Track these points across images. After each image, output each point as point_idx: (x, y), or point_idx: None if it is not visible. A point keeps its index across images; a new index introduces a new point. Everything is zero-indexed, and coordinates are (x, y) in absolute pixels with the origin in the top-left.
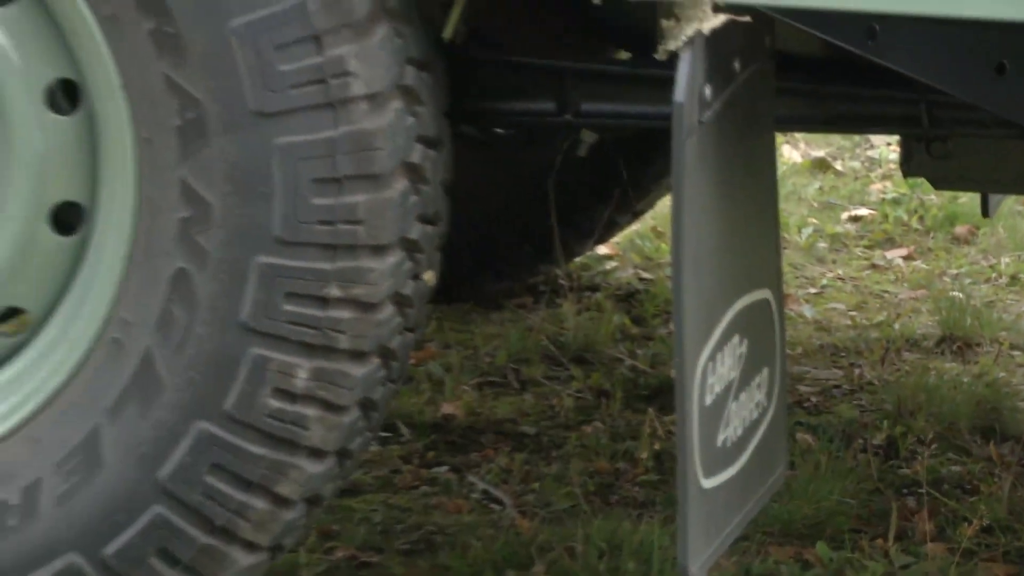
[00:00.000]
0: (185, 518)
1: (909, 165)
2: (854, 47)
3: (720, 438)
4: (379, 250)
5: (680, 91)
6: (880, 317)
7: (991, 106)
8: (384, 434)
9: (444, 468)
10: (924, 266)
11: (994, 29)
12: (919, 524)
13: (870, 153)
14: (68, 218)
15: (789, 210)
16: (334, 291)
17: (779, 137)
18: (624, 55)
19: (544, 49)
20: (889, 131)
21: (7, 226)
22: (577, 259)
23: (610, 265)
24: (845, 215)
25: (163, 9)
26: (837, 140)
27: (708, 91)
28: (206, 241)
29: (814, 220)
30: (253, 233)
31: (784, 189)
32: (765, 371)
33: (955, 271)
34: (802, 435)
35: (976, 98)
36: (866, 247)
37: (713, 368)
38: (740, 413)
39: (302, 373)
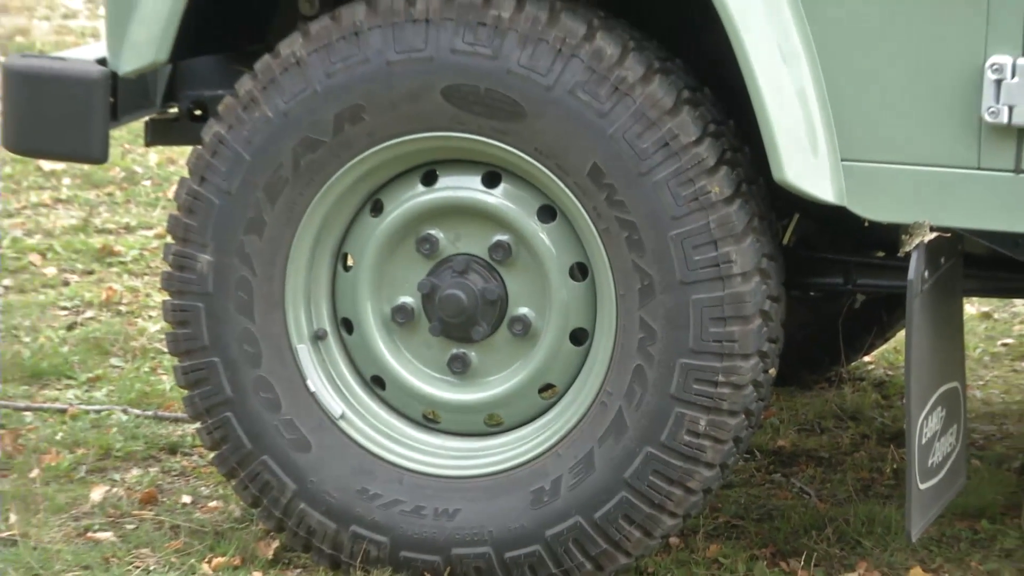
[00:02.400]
0: (638, 499)
1: None
2: (1008, 251)
3: (930, 462)
4: (746, 357)
5: (912, 274)
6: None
7: None
8: (746, 455)
9: (777, 475)
10: None
11: None
12: None
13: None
14: (579, 336)
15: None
16: (720, 377)
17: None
18: (880, 252)
19: (838, 247)
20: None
21: (547, 342)
22: (853, 363)
23: (871, 366)
24: (999, 342)
25: (633, 226)
26: (995, 302)
27: (926, 274)
28: (653, 350)
29: (981, 344)
30: (678, 347)
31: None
32: (954, 426)
33: None
34: (975, 461)
35: None
36: (1012, 359)
37: (927, 424)
38: (941, 449)
39: (703, 423)
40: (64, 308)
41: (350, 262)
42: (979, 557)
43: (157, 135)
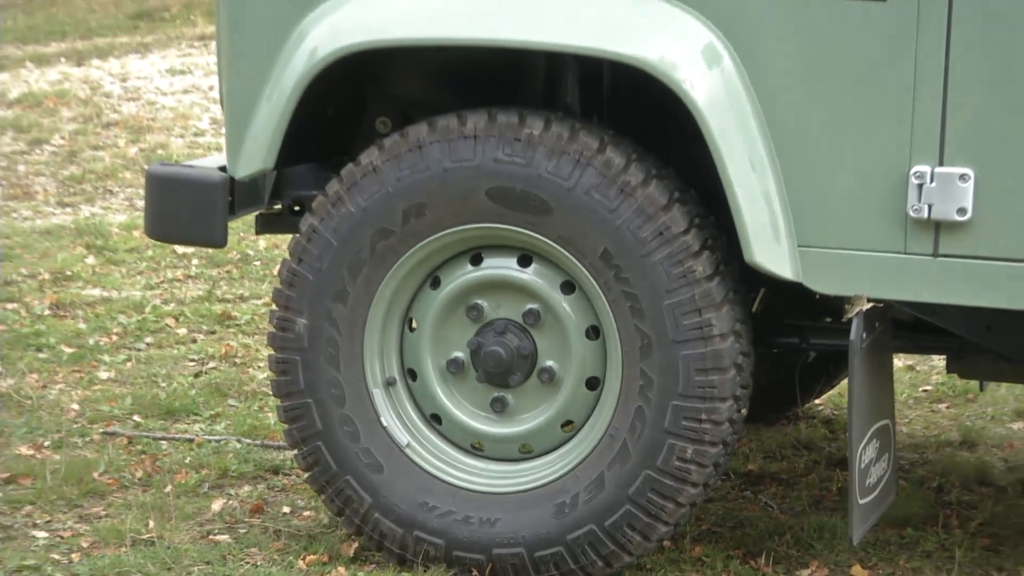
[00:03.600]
0: (639, 511)
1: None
2: (927, 317)
3: (867, 482)
4: (723, 400)
5: (853, 335)
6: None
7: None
8: (723, 477)
9: (748, 492)
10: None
11: None
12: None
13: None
14: (593, 383)
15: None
16: (703, 416)
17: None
18: (828, 318)
19: (795, 314)
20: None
21: (567, 388)
22: (806, 404)
23: (821, 407)
24: (921, 389)
25: (635, 298)
26: (917, 357)
27: (864, 335)
28: (651, 395)
29: (907, 390)
30: (670, 392)
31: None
32: (886, 454)
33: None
34: (902, 482)
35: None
36: (931, 402)
37: (865, 452)
38: (876, 472)
39: (690, 451)
40: (192, 360)
41: (414, 325)
42: (905, 557)
43: (265, 226)
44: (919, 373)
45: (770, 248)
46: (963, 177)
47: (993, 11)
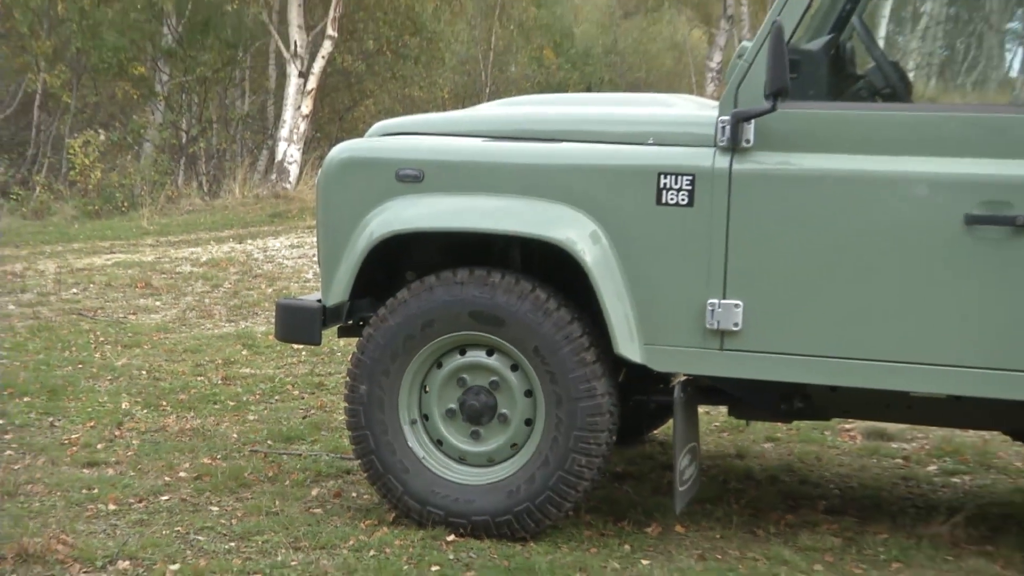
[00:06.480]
0: (555, 495)
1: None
2: (719, 384)
3: (684, 478)
4: (603, 431)
5: (675, 394)
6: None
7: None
8: (603, 475)
9: (616, 483)
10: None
11: None
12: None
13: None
14: (529, 422)
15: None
16: (592, 442)
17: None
18: (662, 384)
19: (644, 382)
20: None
21: (514, 425)
22: (649, 433)
23: (659, 435)
24: (712, 424)
25: (553, 374)
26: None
27: (681, 394)
28: (561, 428)
29: (706, 425)
30: (572, 427)
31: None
32: (695, 462)
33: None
34: (704, 477)
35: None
36: (719, 432)
37: (683, 462)
38: (689, 472)
39: (583, 461)
40: (301, 409)
41: (427, 389)
42: (706, 522)
43: (344, 332)
44: (713, 415)
45: (628, 345)
46: (736, 305)
47: (755, 215)
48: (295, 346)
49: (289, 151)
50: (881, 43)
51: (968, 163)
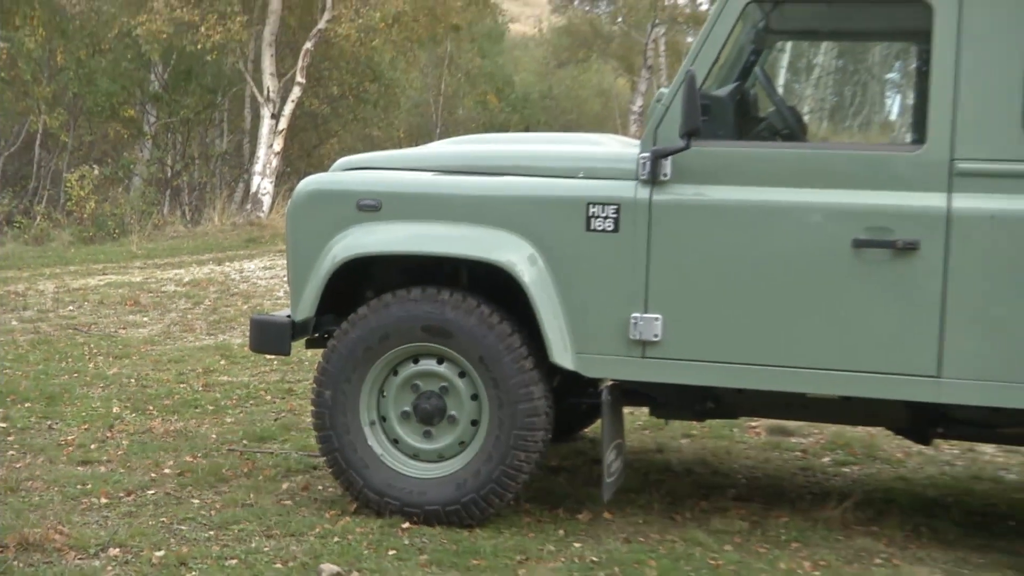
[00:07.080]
0: (498, 486)
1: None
2: (642, 390)
3: (611, 470)
4: (539, 430)
5: (604, 396)
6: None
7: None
8: (539, 469)
9: (552, 475)
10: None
11: None
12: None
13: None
14: (476, 422)
15: (628, 420)
16: (529, 440)
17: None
18: (592, 388)
19: (576, 386)
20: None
21: (462, 425)
22: (581, 431)
23: (588, 432)
24: (636, 423)
25: (495, 380)
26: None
27: (609, 397)
28: (503, 429)
29: (632, 423)
30: (513, 426)
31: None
32: (621, 456)
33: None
34: (629, 469)
35: None
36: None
37: (610, 456)
38: (615, 466)
39: (523, 456)
40: (273, 412)
41: (385, 393)
42: (630, 508)
43: (311, 344)
44: (636, 415)
45: (562, 354)
46: (656, 319)
47: (672, 239)
48: (268, 356)
49: (262, 184)
50: (780, 90)
51: (855, 194)
